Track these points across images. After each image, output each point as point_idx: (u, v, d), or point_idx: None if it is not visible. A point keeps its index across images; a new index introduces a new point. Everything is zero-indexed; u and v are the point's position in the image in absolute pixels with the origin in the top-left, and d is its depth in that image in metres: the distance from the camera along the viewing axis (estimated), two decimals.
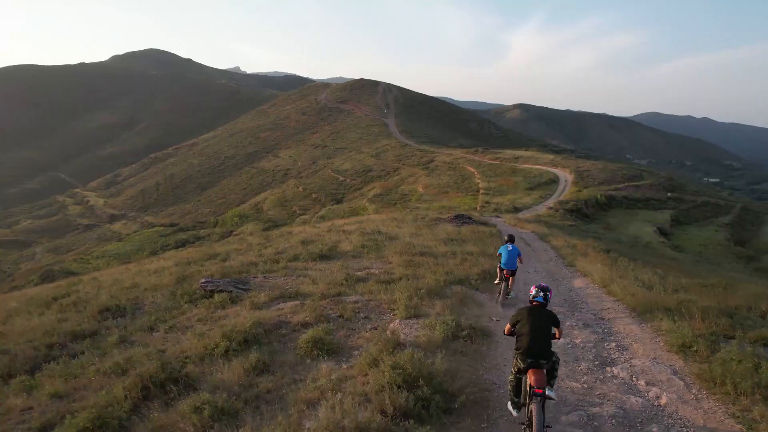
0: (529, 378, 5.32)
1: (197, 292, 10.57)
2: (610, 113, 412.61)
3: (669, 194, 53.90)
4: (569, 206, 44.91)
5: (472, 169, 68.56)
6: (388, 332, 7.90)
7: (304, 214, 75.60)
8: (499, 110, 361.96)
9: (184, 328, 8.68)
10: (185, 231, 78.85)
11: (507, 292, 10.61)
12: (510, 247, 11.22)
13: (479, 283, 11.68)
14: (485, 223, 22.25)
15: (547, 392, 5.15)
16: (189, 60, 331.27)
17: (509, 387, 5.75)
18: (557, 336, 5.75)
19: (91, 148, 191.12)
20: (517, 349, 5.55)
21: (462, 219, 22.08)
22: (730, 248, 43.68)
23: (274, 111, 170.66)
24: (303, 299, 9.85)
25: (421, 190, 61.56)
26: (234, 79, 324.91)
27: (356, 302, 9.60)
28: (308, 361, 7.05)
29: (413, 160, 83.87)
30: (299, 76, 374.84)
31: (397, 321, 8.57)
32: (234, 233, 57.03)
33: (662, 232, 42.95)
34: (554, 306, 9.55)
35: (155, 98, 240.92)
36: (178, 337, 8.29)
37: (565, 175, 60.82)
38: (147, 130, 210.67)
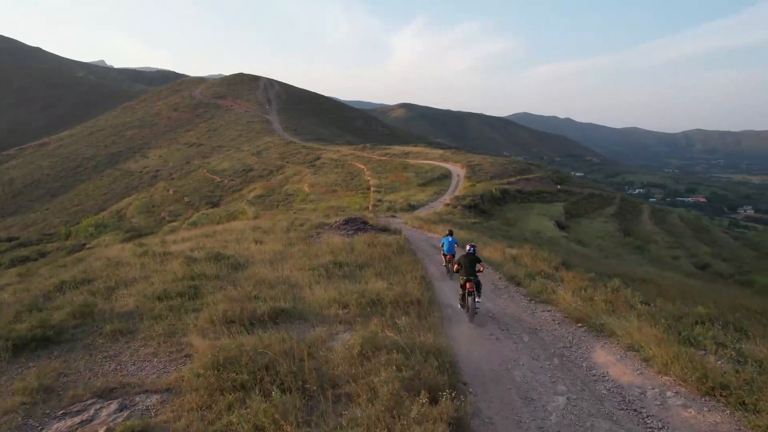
0: (467, 285, 9.47)
1: None
2: (487, 113, 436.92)
3: (558, 186, 53.50)
4: (466, 202, 42.16)
5: (362, 166, 64.55)
6: None
7: (174, 220, 67.54)
8: (384, 109, 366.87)
9: None
10: (27, 246, 66.77)
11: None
12: (450, 238, 13.46)
13: None
14: (386, 229, 16.37)
15: (477, 298, 9.45)
16: (38, 49, 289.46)
17: (459, 295, 10.07)
18: (481, 269, 9.96)
19: None
20: (460, 274, 9.82)
21: (354, 224, 16.21)
22: (622, 239, 43.55)
23: (143, 107, 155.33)
24: None
25: (307, 189, 56.17)
26: (96, 72, 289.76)
27: None
28: None
29: (298, 158, 79.26)
30: (175, 72, 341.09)
31: None
32: (87, 246, 49.46)
33: (560, 225, 41.56)
34: None
35: None
36: None
37: (457, 170, 58.81)
38: None
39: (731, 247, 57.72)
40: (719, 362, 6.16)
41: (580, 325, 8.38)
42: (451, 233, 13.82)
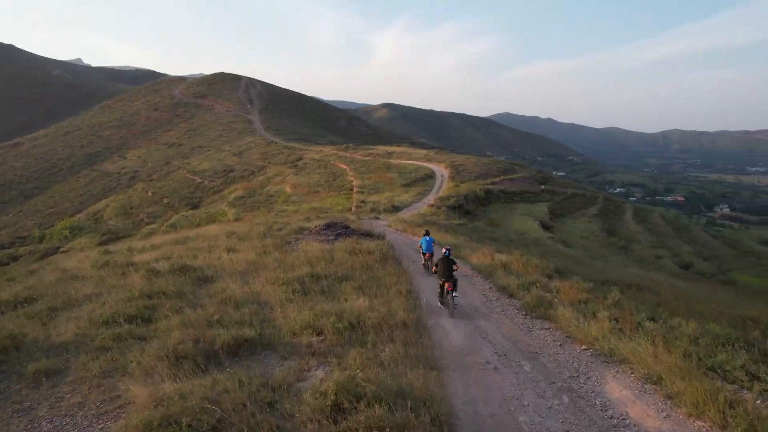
0: (446, 285, 10.59)
1: None
2: (469, 113, 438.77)
3: (542, 187, 53.34)
4: (450, 203, 41.66)
5: (345, 166, 63.75)
6: None
7: (152, 222, 66.24)
8: (367, 109, 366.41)
9: None
10: None
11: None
12: (428, 238, 14.76)
13: None
14: (369, 234, 15.53)
15: (453, 293, 10.42)
16: (10, 46, 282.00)
17: (438, 292, 11.09)
18: (456, 269, 10.98)
19: None
20: (438, 275, 10.97)
21: (335, 229, 15.39)
22: (606, 239, 43.47)
23: (121, 107, 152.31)
24: None
25: (288, 190, 55.30)
26: (73, 71, 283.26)
27: None
28: None
29: (280, 159, 78.08)
30: (154, 71, 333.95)
31: None
32: (62, 249, 47.92)
33: (544, 225, 41.31)
34: None
35: None
36: None
37: (441, 170, 58.39)
38: None
39: (711, 246, 58.28)
40: (758, 401, 5.09)
41: (584, 347, 7.38)
42: (427, 233, 15.46)
